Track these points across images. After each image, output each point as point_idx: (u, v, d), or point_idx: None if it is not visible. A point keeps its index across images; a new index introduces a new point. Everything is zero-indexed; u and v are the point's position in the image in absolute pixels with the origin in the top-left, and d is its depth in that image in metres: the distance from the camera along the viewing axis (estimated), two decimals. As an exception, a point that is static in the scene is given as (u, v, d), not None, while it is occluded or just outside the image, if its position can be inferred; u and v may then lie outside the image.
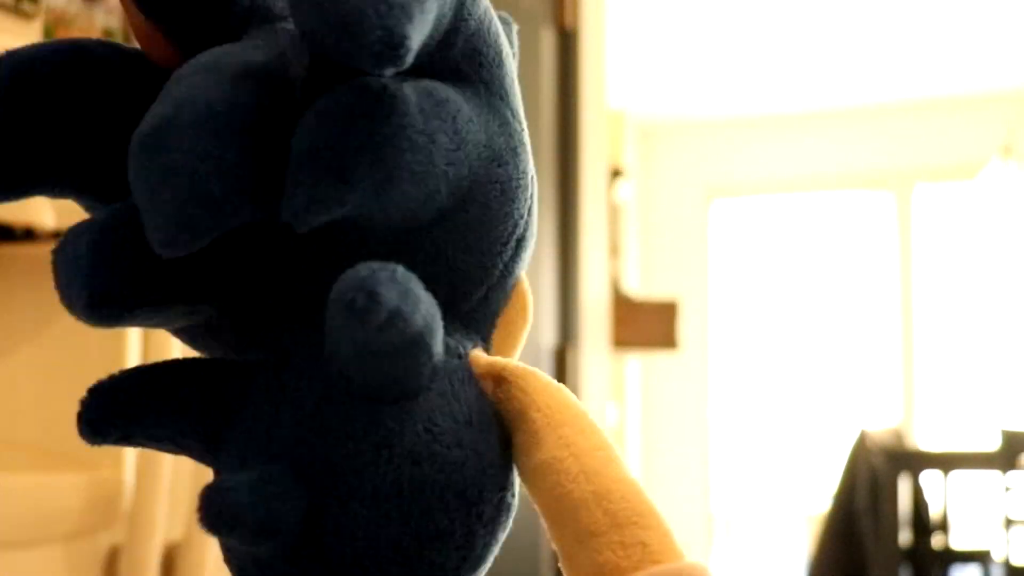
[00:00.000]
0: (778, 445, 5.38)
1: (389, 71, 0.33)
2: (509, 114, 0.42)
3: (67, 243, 0.37)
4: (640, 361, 5.15)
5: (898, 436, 4.08)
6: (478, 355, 0.41)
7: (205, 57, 0.35)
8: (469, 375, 0.40)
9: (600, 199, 2.53)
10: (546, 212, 2.24)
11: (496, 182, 0.41)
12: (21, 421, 0.98)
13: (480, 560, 0.40)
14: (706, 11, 4.15)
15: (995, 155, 4.59)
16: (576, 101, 2.36)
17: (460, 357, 0.40)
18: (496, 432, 0.39)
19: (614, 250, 3.53)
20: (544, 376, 0.40)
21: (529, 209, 0.43)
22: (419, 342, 0.36)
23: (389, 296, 0.34)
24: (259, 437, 0.38)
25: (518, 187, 0.42)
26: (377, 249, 0.38)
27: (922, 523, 3.75)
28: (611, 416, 3.03)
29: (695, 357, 5.27)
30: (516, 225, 0.42)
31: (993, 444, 3.59)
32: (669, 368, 5.22)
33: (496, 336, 0.44)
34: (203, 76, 0.34)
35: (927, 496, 3.77)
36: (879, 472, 3.62)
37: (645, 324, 3.34)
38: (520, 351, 0.45)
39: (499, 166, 0.41)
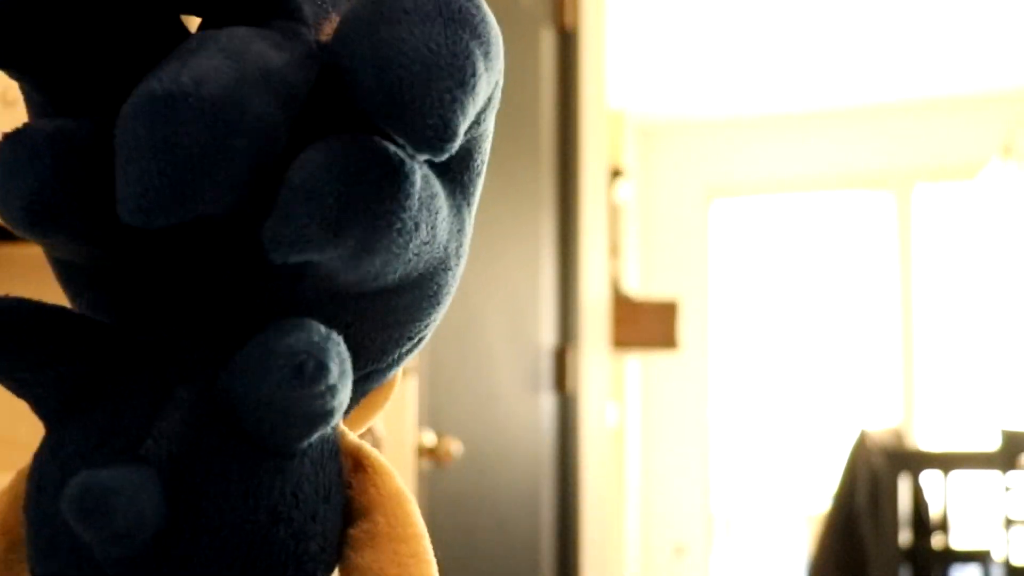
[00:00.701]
0: (778, 445, 5.38)
1: (426, 157, 0.33)
2: (467, 219, 0.42)
3: (17, 144, 0.36)
4: (640, 361, 5.15)
5: (898, 436, 4.08)
6: (345, 431, 0.41)
7: (229, 40, 0.34)
8: (336, 450, 0.40)
9: (600, 199, 2.53)
10: (546, 212, 2.24)
11: (435, 283, 0.41)
12: (21, 420, 0.97)
13: None
14: (706, 11, 4.15)
15: (995, 155, 4.59)
16: (576, 101, 2.36)
17: (333, 428, 0.40)
18: (340, 515, 0.40)
19: (614, 250, 3.53)
20: (398, 480, 0.41)
21: (439, 315, 0.43)
22: (330, 417, 0.36)
23: (333, 371, 0.34)
24: (129, 431, 0.37)
25: (447, 293, 0.42)
26: (306, 296, 0.38)
27: (922, 523, 3.75)
28: (611, 416, 3.03)
29: (695, 357, 5.27)
30: (428, 326, 0.42)
31: (993, 444, 3.59)
32: (669, 368, 5.22)
33: (356, 410, 0.44)
34: (227, 62, 0.33)
35: (927, 496, 3.77)
36: (879, 472, 3.62)
37: (645, 324, 3.34)
38: (368, 426, 0.46)
39: (444, 270, 0.41)
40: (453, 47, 0.33)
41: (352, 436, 0.42)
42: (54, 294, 1.00)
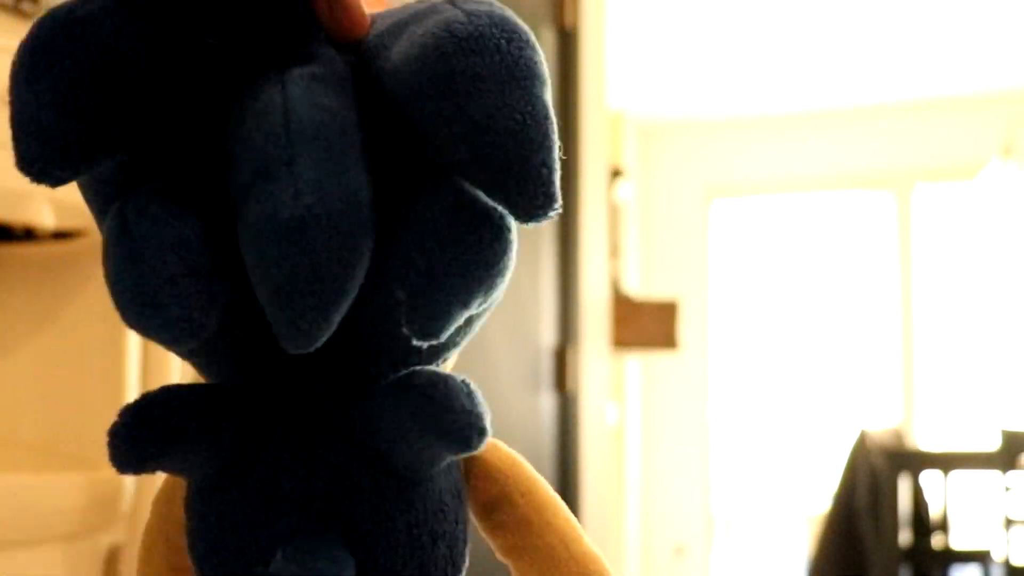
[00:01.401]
0: (778, 445, 5.38)
1: (532, 224, 0.36)
2: None
3: (148, 246, 0.35)
4: (640, 361, 5.15)
5: (898, 436, 4.08)
6: None
7: (319, 118, 0.34)
8: None
9: (600, 199, 2.53)
10: (546, 212, 2.23)
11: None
12: (20, 421, 0.97)
13: None
14: (706, 11, 4.15)
15: (995, 155, 4.59)
16: (576, 101, 2.36)
17: None
18: (466, 502, 0.42)
19: (614, 250, 3.53)
20: (503, 447, 0.43)
21: None
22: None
23: (489, 431, 0.38)
24: (291, 493, 0.38)
25: None
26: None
27: (922, 523, 3.75)
28: (611, 416, 3.03)
29: (695, 357, 5.27)
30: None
31: (993, 444, 3.59)
32: (669, 368, 5.22)
33: None
34: (331, 161, 0.34)
35: (927, 496, 3.77)
36: (879, 472, 3.62)
37: (645, 324, 3.34)
38: None
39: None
40: (534, 111, 0.35)
41: None
42: (55, 294, 1.00)
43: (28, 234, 1.00)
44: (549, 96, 0.36)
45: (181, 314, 0.35)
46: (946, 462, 3.66)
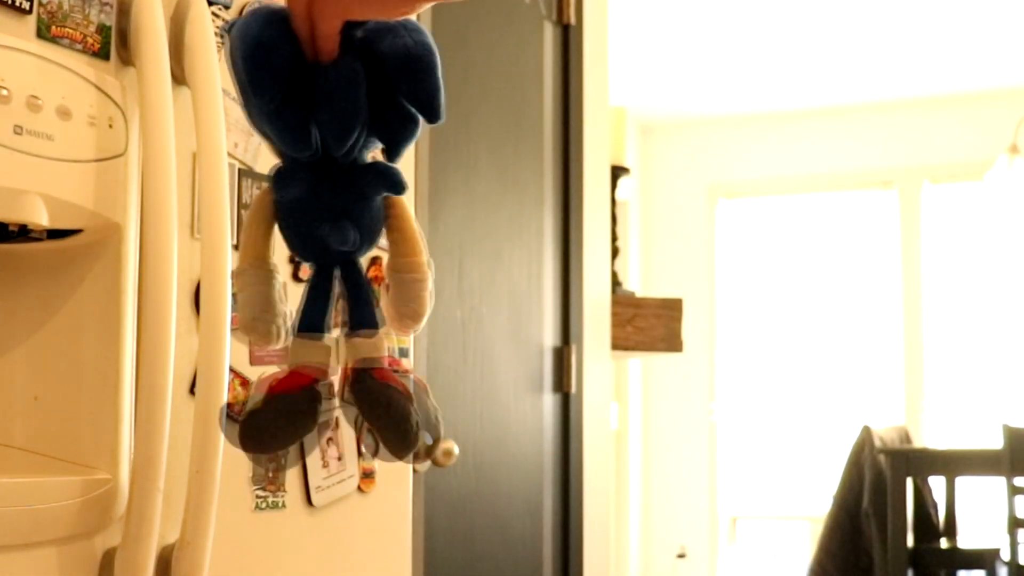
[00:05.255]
0: (783, 445, 5.37)
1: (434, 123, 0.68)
2: None
3: None
4: (641, 361, 5.14)
5: (903, 436, 4.07)
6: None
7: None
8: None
9: (603, 198, 2.52)
10: (548, 210, 2.22)
11: None
12: (14, 422, 0.97)
13: None
14: (709, 7, 4.14)
15: (1003, 154, 4.57)
16: (578, 97, 2.34)
17: None
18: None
19: (615, 249, 3.51)
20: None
21: None
22: None
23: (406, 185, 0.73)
24: (331, 206, 0.70)
25: None
26: None
27: (928, 525, 3.74)
28: (613, 417, 3.01)
29: (698, 357, 5.26)
30: None
31: (998, 443, 3.58)
32: (672, 368, 5.21)
33: None
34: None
35: (934, 498, 3.76)
36: (885, 474, 3.61)
37: (648, 325, 3.32)
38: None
39: None
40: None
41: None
42: (49, 293, 0.99)
43: (23, 232, 0.99)
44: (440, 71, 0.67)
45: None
46: (952, 465, 3.65)
